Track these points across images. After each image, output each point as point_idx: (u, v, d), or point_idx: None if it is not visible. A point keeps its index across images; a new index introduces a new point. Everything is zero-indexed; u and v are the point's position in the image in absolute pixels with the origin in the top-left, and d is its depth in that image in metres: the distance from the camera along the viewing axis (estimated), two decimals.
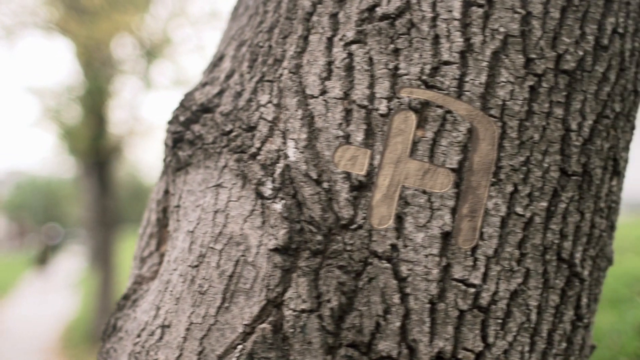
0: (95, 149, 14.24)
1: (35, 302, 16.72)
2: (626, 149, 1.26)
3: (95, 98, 14.38)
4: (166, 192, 1.33)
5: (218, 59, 1.37)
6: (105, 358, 1.28)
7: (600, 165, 1.17)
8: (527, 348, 1.11)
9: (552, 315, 1.13)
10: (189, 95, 1.32)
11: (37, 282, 21.89)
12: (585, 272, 1.17)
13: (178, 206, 1.27)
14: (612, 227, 1.26)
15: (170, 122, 1.31)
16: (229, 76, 1.28)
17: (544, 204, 1.11)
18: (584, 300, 1.18)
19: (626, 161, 1.28)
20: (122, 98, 15.08)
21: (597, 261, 1.21)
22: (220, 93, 1.27)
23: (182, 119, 1.29)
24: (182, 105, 1.31)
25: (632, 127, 1.28)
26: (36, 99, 16.37)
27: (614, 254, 1.32)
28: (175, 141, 1.29)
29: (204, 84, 1.33)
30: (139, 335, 1.20)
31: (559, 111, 1.11)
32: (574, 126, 1.12)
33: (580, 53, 1.13)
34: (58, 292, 18.85)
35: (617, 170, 1.22)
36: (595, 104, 1.15)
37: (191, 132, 1.27)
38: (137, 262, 1.37)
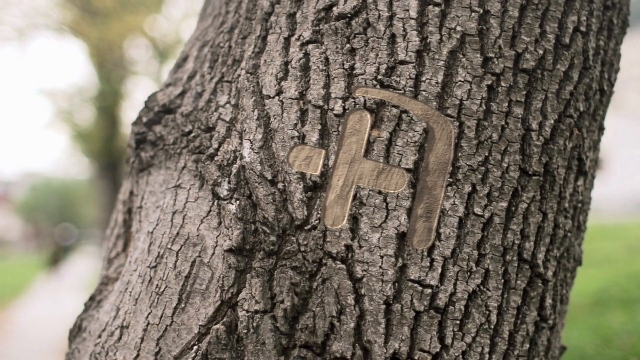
0: (109, 150, 14.34)
1: (49, 303, 16.83)
2: (594, 148, 1.25)
3: (107, 99, 14.48)
4: (131, 193, 1.33)
5: (182, 60, 1.37)
6: (70, 359, 1.28)
7: (563, 165, 1.15)
8: (486, 349, 1.09)
9: (514, 316, 1.12)
10: (152, 97, 1.31)
11: (51, 283, 22.01)
12: (549, 273, 1.15)
13: (140, 207, 1.27)
14: (579, 228, 1.24)
15: (134, 123, 1.31)
16: (191, 77, 1.28)
17: (504, 204, 1.09)
18: (549, 301, 1.16)
19: (594, 161, 1.26)
20: (135, 99, 15.17)
21: (562, 262, 1.19)
22: (182, 94, 1.27)
23: (145, 119, 1.29)
24: (146, 106, 1.30)
25: (600, 127, 1.26)
26: (49, 101, 16.53)
27: (583, 254, 1.30)
28: (138, 142, 1.29)
29: (167, 85, 1.33)
30: (99, 336, 1.20)
31: (518, 110, 1.10)
32: (534, 126, 1.11)
33: (541, 52, 1.11)
34: (72, 293, 18.94)
35: (582, 170, 1.20)
36: (557, 103, 1.13)
37: (153, 133, 1.27)
38: (105, 263, 1.37)
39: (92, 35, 13.52)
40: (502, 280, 1.10)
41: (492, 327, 1.10)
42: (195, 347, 1.07)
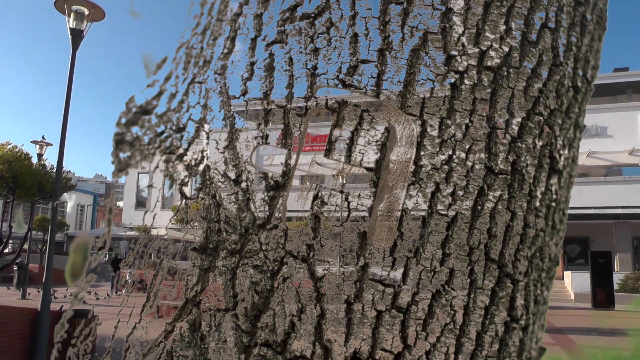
0: None
1: None
2: (569, 147, 1.22)
3: None
4: None
5: (162, 62, 1.39)
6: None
7: (532, 163, 1.13)
8: (452, 349, 1.08)
9: (481, 316, 1.10)
10: (132, 98, 1.33)
11: None
12: (519, 273, 1.13)
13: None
14: (554, 227, 1.22)
15: (116, 125, 1.33)
16: (167, 78, 1.30)
17: (469, 202, 1.08)
18: (520, 302, 1.14)
19: (569, 159, 1.23)
20: None
21: (534, 261, 1.17)
22: (158, 95, 1.29)
23: (124, 120, 1.31)
24: (126, 107, 1.33)
25: (576, 125, 1.24)
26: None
27: (560, 253, 1.28)
28: (118, 143, 1.31)
29: (148, 86, 1.35)
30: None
31: (483, 108, 1.09)
32: (500, 123, 1.10)
33: (506, 49, 1.10)
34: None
35: (555, 168, 1.18)
36: (524, 101, 1.11)
37: (130, 134, 1.29)
38: None
39: None
40: (468, 280, 1.09)
41: (458, 327, 1.09)
42: (162, 345, 1.09)
